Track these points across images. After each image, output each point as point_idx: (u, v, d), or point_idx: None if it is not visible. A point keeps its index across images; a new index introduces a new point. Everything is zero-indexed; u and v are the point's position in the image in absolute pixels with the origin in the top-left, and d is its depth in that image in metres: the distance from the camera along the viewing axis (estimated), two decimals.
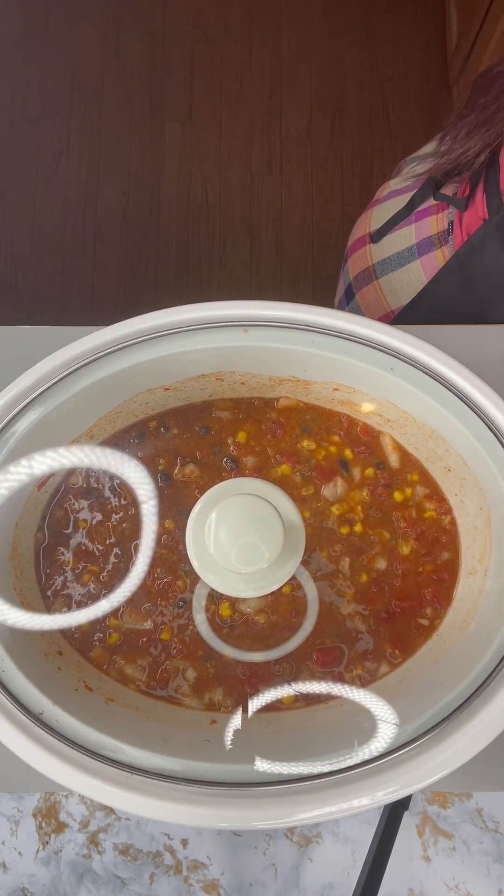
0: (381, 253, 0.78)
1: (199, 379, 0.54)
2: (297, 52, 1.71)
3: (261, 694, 0.51)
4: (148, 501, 0.54)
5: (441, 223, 0.72)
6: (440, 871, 0.57)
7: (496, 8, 1.30)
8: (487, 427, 0.47)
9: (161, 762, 0.42)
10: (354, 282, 0.83)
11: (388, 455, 0.56)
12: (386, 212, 0.78)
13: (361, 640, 0.52)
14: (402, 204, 0.76)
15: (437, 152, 0.69)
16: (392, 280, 0.78)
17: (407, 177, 0.76)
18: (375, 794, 0.40)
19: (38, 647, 0.49)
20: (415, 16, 1.72)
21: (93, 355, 0.48)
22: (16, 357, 0.49)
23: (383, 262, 0.78)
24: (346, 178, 1.64)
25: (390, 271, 0.77)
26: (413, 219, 0.75)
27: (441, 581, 0.53)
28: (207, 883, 0.57)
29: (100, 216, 1.63)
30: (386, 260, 0.78)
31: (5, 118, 1.68)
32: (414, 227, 0.74)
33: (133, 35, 1.72)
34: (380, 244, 0.78)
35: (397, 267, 0.76)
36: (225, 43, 1.72)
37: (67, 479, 0.55)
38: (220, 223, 1.62)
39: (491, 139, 0.64)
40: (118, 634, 0.52)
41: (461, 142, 0.66)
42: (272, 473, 0.56)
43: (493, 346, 0.63)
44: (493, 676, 0.43)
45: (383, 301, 0.80)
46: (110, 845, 0.57)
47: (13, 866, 0.57)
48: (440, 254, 0.72)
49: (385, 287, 0.79)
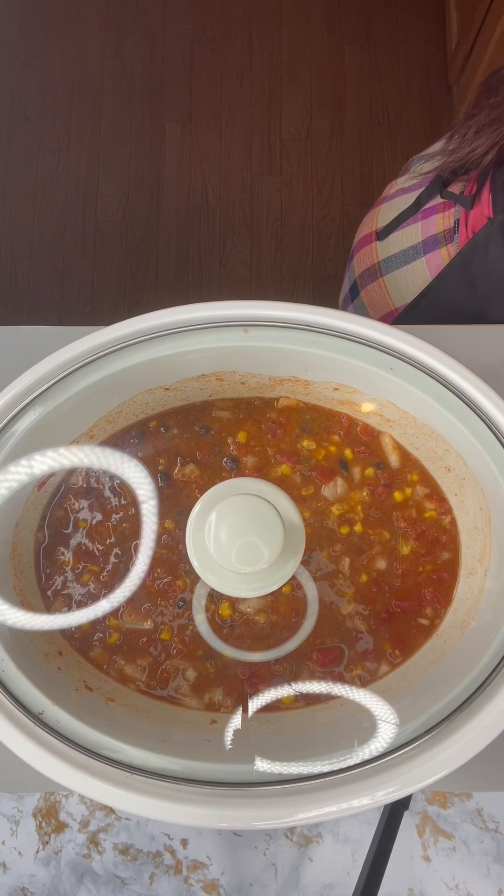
0: (386, 250, 0.78)
1: (199, 379, 0.54)
2: (297, 52, 1.71)
3: (261, 694, 0.51)
4: (148, 501, 0.54)
5: (447, 221, 0.72)
6: (440, 871, 0.57)
7: (496, 8, 1.30)
8: (487, 427, 0.47)
9: (161, 762, 0.42)
10: (359, 279, 0.83)
11: (388, 455, 0.56)
12: (393, 210, 0.78)
13: (361, 640, 0.52)
14: (409, 202, 0.76)
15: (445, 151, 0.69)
16: (397, 278, 0.78)
17: (414, 175, 0.77)
18: (375, 794, 0.40)
19: (38, 647, 0.49)
20: (415, 16, 1.72)
21: (93, 355, 0.48)
22: (16, 357, 0.49)
23: (388, 260, 0.78)
24: (346, 178, 1.64)
25: (395, 269, 0.77)
26: (419, 217, 0.75)
27: (441, 581, 0.53)
28: (207, 883, 0.57)
29: (100, 216, 1.63)
30: (391, 257, 0.78)
31: (5, 118, 1.68)
32: (420, 225, 0.74)
33: (133, 35, 1.72)
34: (385, 242, 0.78)
35: (402, 264, 0.76)
36: (225, 43, 1.72)
37: (67, 479, 0.55)
38: (220, 223, 1.62)
39: (498, 138, 0.64)
40: (118, 634, 0.52)
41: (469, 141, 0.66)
42: (272, 473, 0.56)
43: (493, 346, 0.63)
44: (493, 676, 0.43)
45: (388, 299, 0.80)
46: (110, 845, 0.57)
47: (13, 866, 0.57)
48: (445, 252, 0.72)
49: (390, 284, 0.79)
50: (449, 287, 0.73)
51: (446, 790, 0.58)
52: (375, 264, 0.80)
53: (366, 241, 0.82)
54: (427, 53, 1.71)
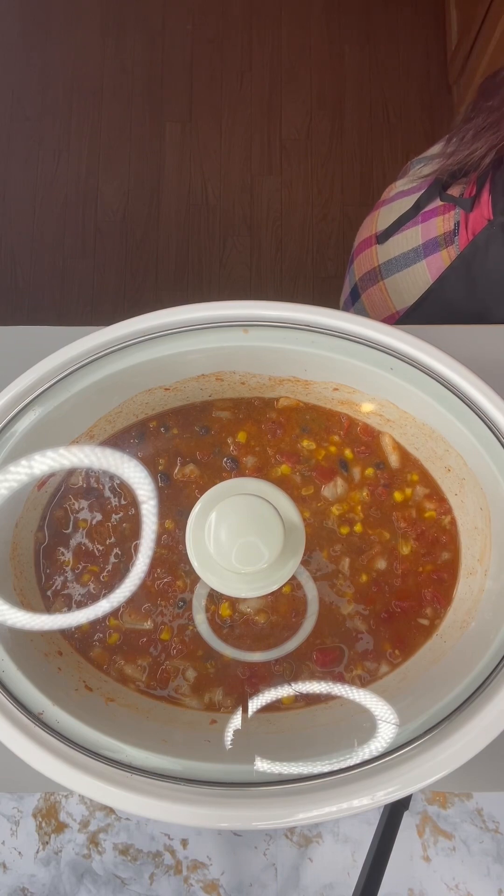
0: (386, 254, 0.78)
1: (199, 379, 0.54)
2: (297, 52, 1.71)
3: (261, 694, 0.51)
4: (148, 501, 0.54)
5: (447, 224, 0.72)
6: (440, 871, 0.57)
7: (496, 8, 1.30)
8: (487, 427, 0.47)
9: (161, 762, 0.42)
10: (360, 282, 0.83)
11: (388, 455, 0.56)
12: (393, 213, 0.78)
13: (361, 640, 0.52)
14: (409, 205, 0.76)
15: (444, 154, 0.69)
16: (397, 281, 0.78)
17: (414, 178, 0.77)
18: (375, 794, 0.40)
19: (38, 647, 0.49)
20: (415, 16, 1.72)
21: (93, 355, 0.48)
22: (16, 357, 0.49)
23: (389, 263, 0.78)
24: (346, 178, 1.64)
25: (396, 272, 0.77)
26: (419, 220, 0.75)
27: (441, 581, 0.53)
28: (207, 883, 0.57)
29: (100, 216, 1.63)
30: (392, 261, 0.78)
31: (5, 117, 1.68)
32: (420, 228, 0.74)
33: (133, 35, 1.72)
34: (386, 245, 0.78)
35: (403, 267, 0.77)
36: (225, 43, 1.72)
37: (67, 479, 0.55)
38: (220, 223, 1.62)
39: (497, 141, 0.64)
40: (118, 634, 0.52)
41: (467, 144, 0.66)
42: (272, 473, 0.56)
43: (493, 346, 0.63)
44: (493, 676, 0.43)
45: (389, 302, 0.80)
46: (110, 845, 0.57)
47: (13, 866, 0.57)
48: (446, 254, 0.72)
49: (391, 288, 0.79)
50: (450, 289, 0.73)
51: (446, 790, 0.58)
52: (376, 268, 0.80)
53: (366, 245, 0.82)
54: (427, 53, 1.70)
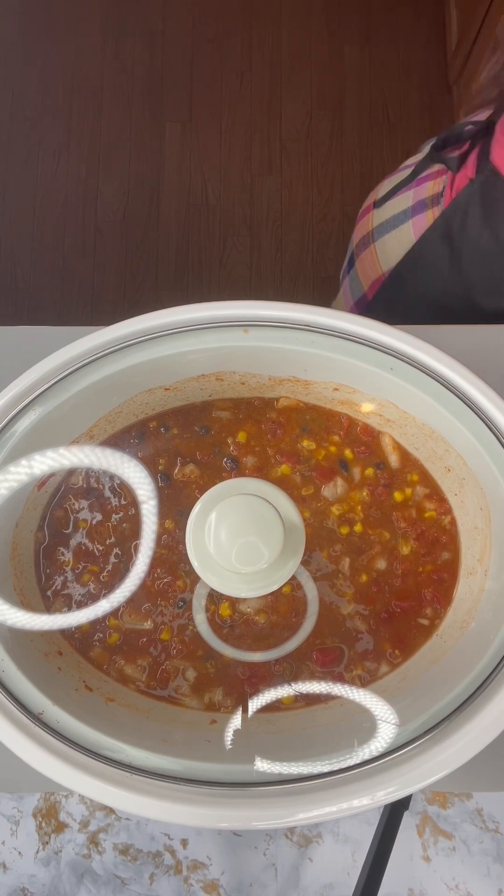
0: (380, 217, 0.78)
1: (199, 379, 0.54)
2: (297, 52, 1.71)
3: (261, 694, 0.51)
4: (148, 501, 0.54)
5: (437, 186, 0.72)
6: (440, 871, 0.57)
7: (496, 8, 1.30)
8: (487, 427, 0.47)
9: (161, 762, 0.42)
10: (356, 249, 0.83)
11: (388, 455, 0.56)
12: (395, 182, 0.79)
13: (361, 640, 0.52)
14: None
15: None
16: (386, 242, 0.77)
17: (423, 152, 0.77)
18: (375, 794, 0.40)
19: (38, 647, 0.49)
20: (415, 16, 1.72)
21: (93, 355, 0.48)
22: (16, 357, 0.49)
23: (381, 226, 0.78)
24: (346, 178, 1.64)
25: (385, 233, 0.77)
26: (414, 184, 0.75)
27: (441, 581, 0.53)
28: (207, 883, 0.57)
29: (100, 216, 1.63)
30: (383, 223, 0.78)
31: (5, 117, 1.68)
32: (413, 192, 0.75)
33: (133, 35, 1.72)
34: (381, 209, 0.78)
35: (391, 229, 0.76)
36: (225, 43, 1.72)
37: (67, 479, 0.55)
38: (220, 223, 1.62)
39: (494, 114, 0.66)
40: (118, 634, 0.52)
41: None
42: (272, 473, 0.56)
43: (493, 346, 0.63)
44: (493, 676, 0.43)
45: (377, 264, 0.79)
46: (110, 845, 0.57)
47: (13, 866, 0.57)
48: (430, 214, 0.72)
49: (379, 249, 0.78)
50: (430, 251, 0.72)
51: (446, 790, 0.58)
52: (370, 232, 0.80)
53: (365, 212, 0.82)
54: (427, 53, 1.70)
